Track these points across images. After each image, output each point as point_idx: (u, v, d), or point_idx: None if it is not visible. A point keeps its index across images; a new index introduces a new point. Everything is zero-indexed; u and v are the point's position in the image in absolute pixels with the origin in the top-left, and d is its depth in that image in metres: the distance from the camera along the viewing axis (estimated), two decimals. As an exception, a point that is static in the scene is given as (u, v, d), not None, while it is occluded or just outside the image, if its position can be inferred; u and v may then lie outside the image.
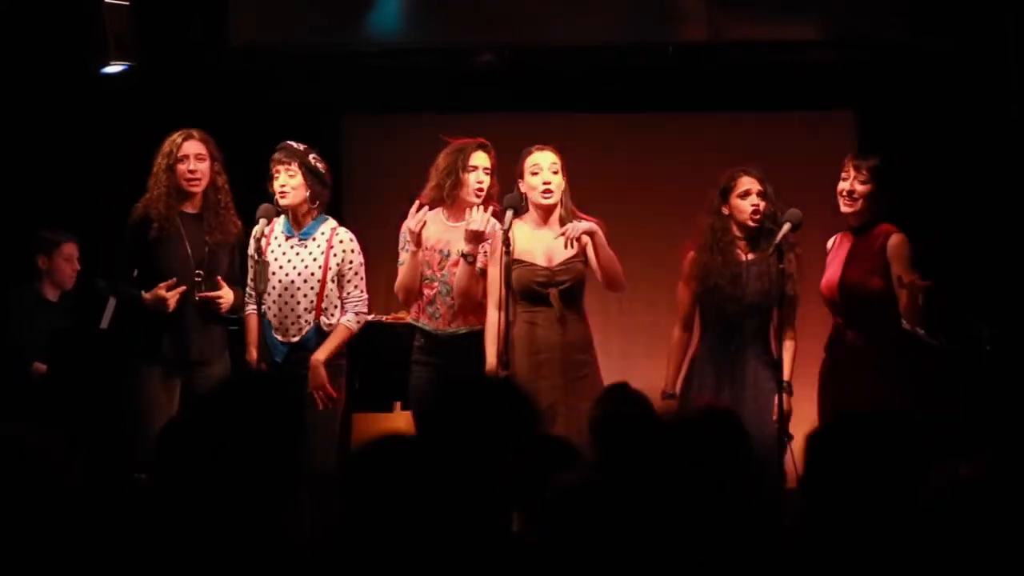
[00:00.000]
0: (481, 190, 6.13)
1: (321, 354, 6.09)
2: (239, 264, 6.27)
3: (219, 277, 6.19)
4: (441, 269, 6.17)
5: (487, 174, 6.15)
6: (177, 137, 6.20)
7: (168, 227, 6.15)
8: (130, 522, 2.96)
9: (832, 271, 6.09)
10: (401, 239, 6.24)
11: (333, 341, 6.13)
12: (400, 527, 2.71)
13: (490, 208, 6.17)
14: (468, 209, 6.12)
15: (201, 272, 6.16)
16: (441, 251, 6.17)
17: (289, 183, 6.16)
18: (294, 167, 6.16)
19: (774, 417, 5.89)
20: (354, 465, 2.85)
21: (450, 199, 6.16)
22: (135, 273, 6.22)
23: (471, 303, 6.11)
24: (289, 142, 6.23)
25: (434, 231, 6.19)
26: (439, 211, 6.21)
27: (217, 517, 2.82)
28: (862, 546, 2.74)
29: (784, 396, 5.92)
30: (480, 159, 6.15)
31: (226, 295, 6.18)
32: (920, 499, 2.81)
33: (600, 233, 6.01)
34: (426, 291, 6.18)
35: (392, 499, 2.73)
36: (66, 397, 6.68)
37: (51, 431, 3.32)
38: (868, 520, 2.76)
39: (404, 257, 6.20)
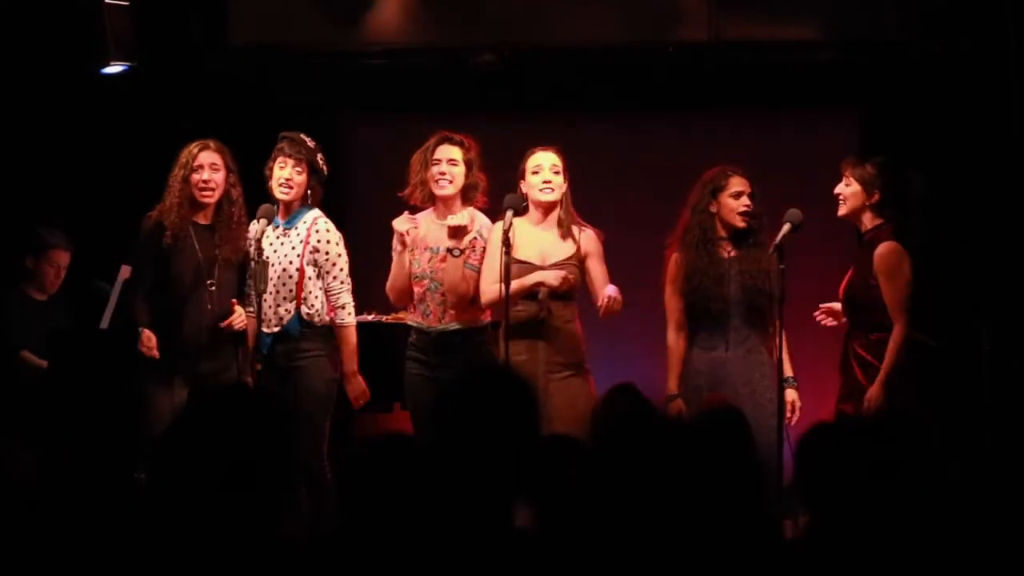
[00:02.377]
0: (448, 182, 6.12)
1: (350, 367, 6.13)
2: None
3: (233, 300, 6.18)
4: (431, 266, 6.17)
5: (453, 165, 6.14)
6: (194, 147, 6.21)
7: (180, 237, 6.15)
8: (129, 522, 2.96)
9: (844, 278, 6.14)
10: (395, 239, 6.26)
11: (348, 347, 6.15)
12: (400, 525, 2.71)
13: (465, 206, 6.18)
14: (448, 202, 6.12)
15: (213, 283, 6.16)
16: (430, 248, 6.18)
17: (295, 179, 6.18)
18: (303, 165, 6.18)
19: (773, 412, 5.93)
20: (353, 464, 2.85)
21: (424, 196, 6.18)
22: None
23: (462, 300, 6.11)
24: (302, 136, 6.23)
25: (424, 230, 6.20)
26: (430, 211, 6.23)
27: (213, 519, 2.81)
28: (859, 545, 2.74)
29: (790, 390, 5.95)
30: (444, 151, 6.15)
31: (241, 314, 6.18)
32: (919, 499, 2.81)
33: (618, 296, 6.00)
34: (416, 289, 6.19)
35: (391, 498, 2.73)
36: (66, 397, 6.67)
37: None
38: (864, 520, 2.76)
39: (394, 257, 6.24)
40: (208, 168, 6.17)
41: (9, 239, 7.25)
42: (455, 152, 6.14)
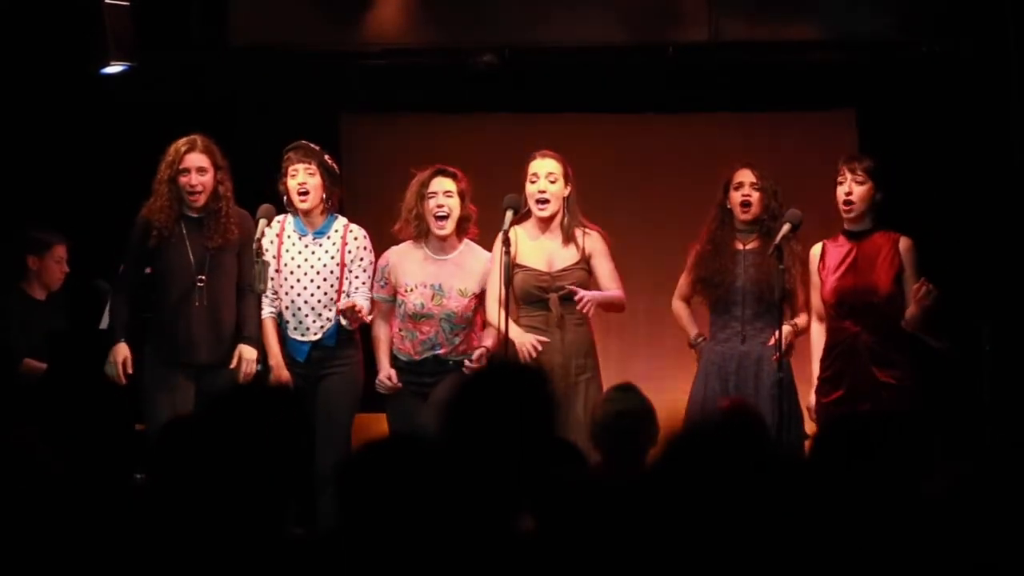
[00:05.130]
0: (443, 216, 6.12)
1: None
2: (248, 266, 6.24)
3: (241, 347, 6.12)
4: (438, 305, 6.16)
5: (448, 197, 6.14)
6: (181, 146, 6.15)
7: (169, 235, 6.13)
8: (129, 522, 2.96)
9: (839, 277, 6.07)
10: (379, 275, 6.23)
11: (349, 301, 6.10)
12: (400, 528, 2.71)
13: (460, 238, 6.19)
14: (444, 236, 6.11)
15: (204, 277, 6.14)
16: (432, 286, 6.16)
17: (310, 182, 6.17)
18: (313, 166, 6.18)
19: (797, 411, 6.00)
20: (351, 467, 2.84)
21: (420, 233, 6.17)
22: (148, 271, 6.21)
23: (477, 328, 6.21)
24: (304, 141, 6.24)
25: (415, 269, 6.18)
26: (418, 246, 6.20)
27: (214, 518, 2.82)
28: (863, 546, 2.74)
29: (788, 327, 6.00)
30: (439, 184, 6.15)
31: (248, 359, 6.13)
32: (921, 499, 2.81)
33: (603, 299, 6.02)
34: (424, 328, 6.17)
35: (393, 499, 2.73)
36: (66, 397, 6.67)
37: (32, 430, 3.32)
38: (869, 520, 2.76)
39: (381, 295, 6.22)
40: (195, 172, 6.12)
41: (9, 239, 7.25)
42: (449, 184, 6.15)
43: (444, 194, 6.13)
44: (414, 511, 2.70)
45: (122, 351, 6.11)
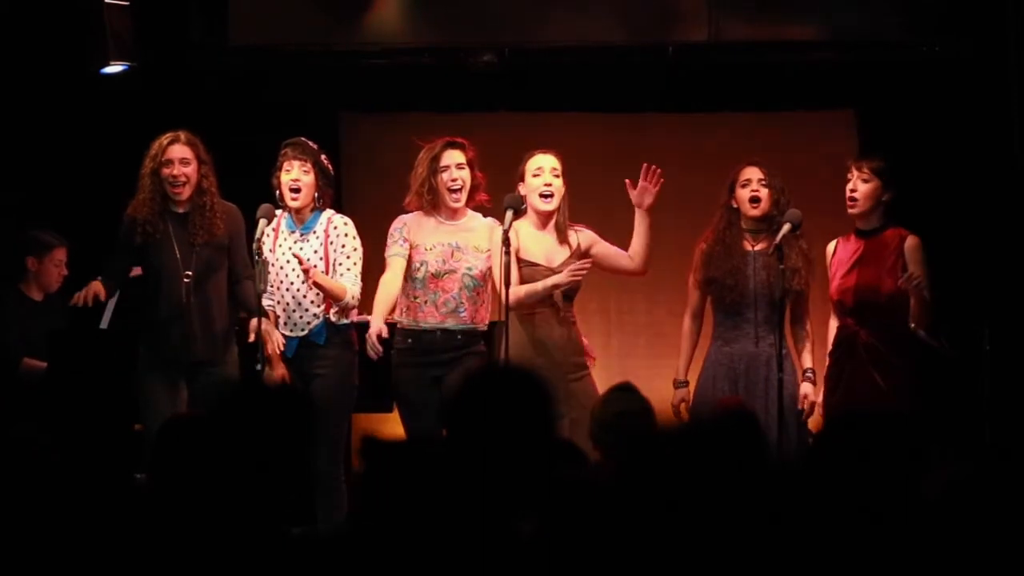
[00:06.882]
0: (457, 189, 6.14)
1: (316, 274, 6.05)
2: (246, 260, 6.22)
3: (253, 321, 6.04)
4: (459, 261, 6.16)
5: (461, 169, 6.16)
6: (164, 140, 6.16)
7: (154, 231, 6.13)
8: (129, 522, 2.96)
9: (844, 274, 6.09)
10: (397, 235, 6.22)
11: (329, 281, 6.09)
12: (401, 528, 2.71)
13: (468, 206, 6.20)
14: (454, 206, 6.12)
15: (191, 273, 6.14)
16: (450, 244, 6.18)
17: (303, 179, 6.16)
18: (309, 165, 6.18)
19: (801, 408, 5.99)
20: (379, 465, 2.83)
21: (426, 202, 6.18)
22: (138, 270, 6.21)
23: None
24: (303, 139, 6.24)
25: (431, 231, 6.19)
26: (428, 215, 6.20)
27: (214, 517, 2.82)
28: (862, 545, 2.75)
29: (808, 384, 6.05)
30: (451, 157, 6.16)
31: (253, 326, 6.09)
32: (920, 499, 2.82)
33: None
34: (447, 287, 6.16)
35: (393, 501, 2.73)
36: (66, 397, 6.67)
37: (34, 428, 3.32)
38: (869, 519, 2.76)
39: (396, 251, 6.19)
40: (178, 163, 6.13)
41: (8, 239, 7.25)
42: (460, 156, 6.17)
43: (457, 167, 6.16)
44: (415, 512, 2.70)
45: (96, 285, 6.10)
